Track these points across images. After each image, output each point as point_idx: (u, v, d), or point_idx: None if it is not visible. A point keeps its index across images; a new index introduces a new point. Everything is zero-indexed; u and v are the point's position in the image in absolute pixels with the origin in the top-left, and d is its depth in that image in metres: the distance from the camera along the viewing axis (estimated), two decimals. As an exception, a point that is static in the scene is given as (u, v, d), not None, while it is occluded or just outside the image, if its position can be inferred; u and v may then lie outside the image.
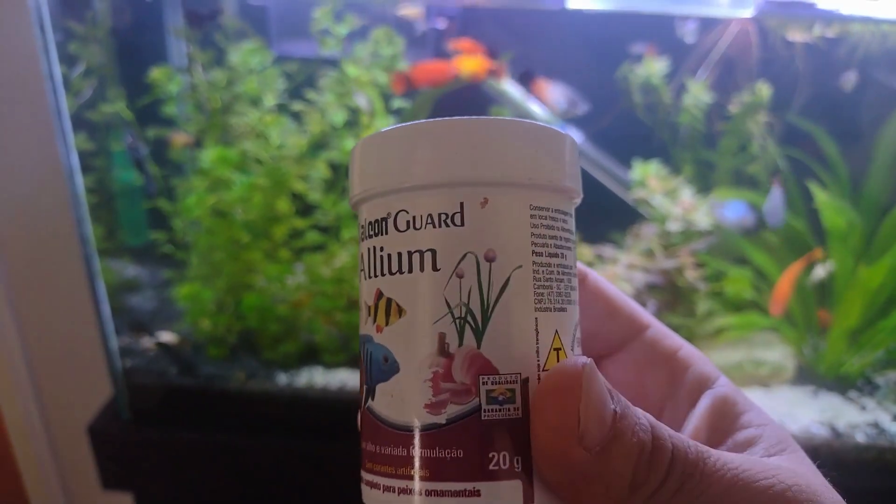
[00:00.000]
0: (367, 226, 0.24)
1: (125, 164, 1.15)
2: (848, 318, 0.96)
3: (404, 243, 0.23)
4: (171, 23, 1.11)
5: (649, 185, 0.98)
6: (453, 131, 0.22)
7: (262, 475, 1.03)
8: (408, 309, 0.22)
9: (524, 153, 0.22)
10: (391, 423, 0.23)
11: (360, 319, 0.25)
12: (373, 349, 0.24)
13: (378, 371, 0.23)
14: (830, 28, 1.00)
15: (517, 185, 0.22)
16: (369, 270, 0.24)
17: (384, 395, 0.23)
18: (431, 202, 0.22)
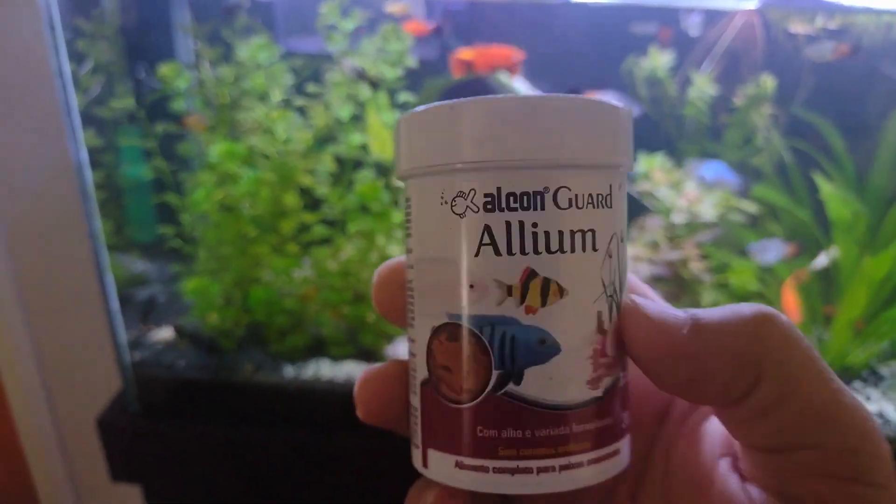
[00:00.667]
0: (504, 196, 0.22)
1: (134, 160, 1.16)
2: (853, 309, 0.96)
3: (566, 222, 0.22)
4: (178, 19, 1.12)
5: (654, 178, 0.98)
6: (601, 112, 0.22)
7: (270, 467, 1.04)
8: (569, 289, 0.22)
9: (630, 136, 0.24)
10: (549, 404, 0.23)
11: (472, 298, 0.22)
12: (518, 332, 0.22)
13: (529, 354, 0.22)
14: (834, 19, 1.00)
15: (628, 166, 0.24)
16: (509, 246, 0.22)
17: (539, 377, 0.22)
18: (591, 182, 0.22)
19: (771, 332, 0.21)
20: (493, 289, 0.22)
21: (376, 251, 1.01)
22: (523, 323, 0.22)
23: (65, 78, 0.87)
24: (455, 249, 0.23)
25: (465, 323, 0.23)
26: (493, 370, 0.23)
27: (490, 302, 0.22)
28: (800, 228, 1.07)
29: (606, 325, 0.23)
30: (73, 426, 1.30)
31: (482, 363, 0.23)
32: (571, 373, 0.23)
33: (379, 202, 0.97)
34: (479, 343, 0.23)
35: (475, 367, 0.23)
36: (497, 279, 0.22)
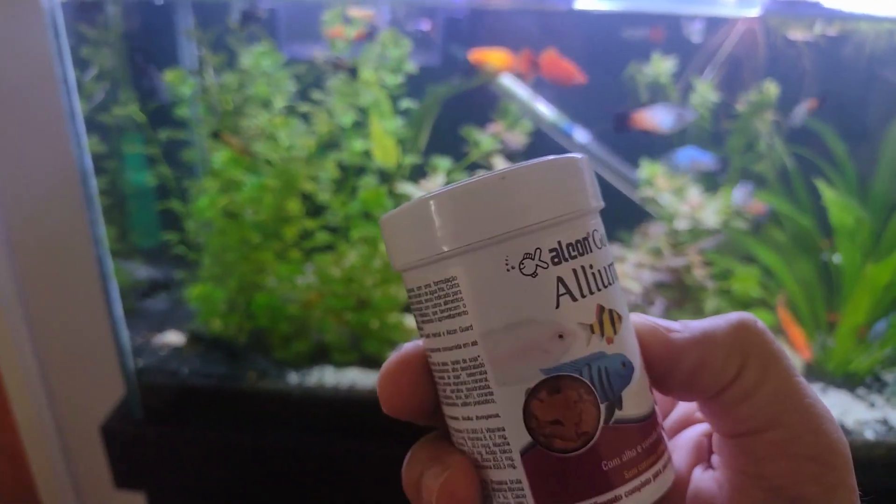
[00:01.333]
0: (564, 247, 0.24)
1: (138, 167, 1.16)
2: (856, 316, 0.96)
3: (604, 258, 0.25)
4: (182, 26, 1.12)
5: (657, 184, 0.98)
6: (585, 165, 0.26)
7: (274, 473, 1.04)
8: (622, 314, 0.25)
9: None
10: (641, 417, 0.25)
11: (562, 348, 0.24)
12: (608, 363, 0.24)
13: (620, 379, 0.24)
14: (835, 27, 1.00)
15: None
16: (580, 290, 0.24)
17: (631, 397, 0.25)
18: (600, 223, 0.26)
19: (752, 331, 0.25)
20: (580, 332, 0.24)
21: (379, 258, 1.01)
22: (608, 353, 0.24)
23: (69, 84, 0.87)
24: (534, 308, 0.24)
25: (565, 371, 0.24)
26: (600, 404, 0.24)
27: (580, 344, 0.24)
28: (802, 234, 1.07)
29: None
30: (77, 433, 1.30)
31: (590, 402, 0.24)
32: (644, 384, 0.26)
33: (382, 208, 0.96)
34: (582, 385, 0.24)
35: (586, 407, 0.24)
36: (581, 322, 0.24)
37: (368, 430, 0.99)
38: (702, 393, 0.26)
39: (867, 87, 1.07)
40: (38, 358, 1.27)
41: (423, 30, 1.05)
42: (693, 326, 0.26)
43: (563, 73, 0.90)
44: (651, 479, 0.25)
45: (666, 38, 1.06)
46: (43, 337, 1.28)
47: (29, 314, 1.26)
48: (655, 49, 1.04)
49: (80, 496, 1.32)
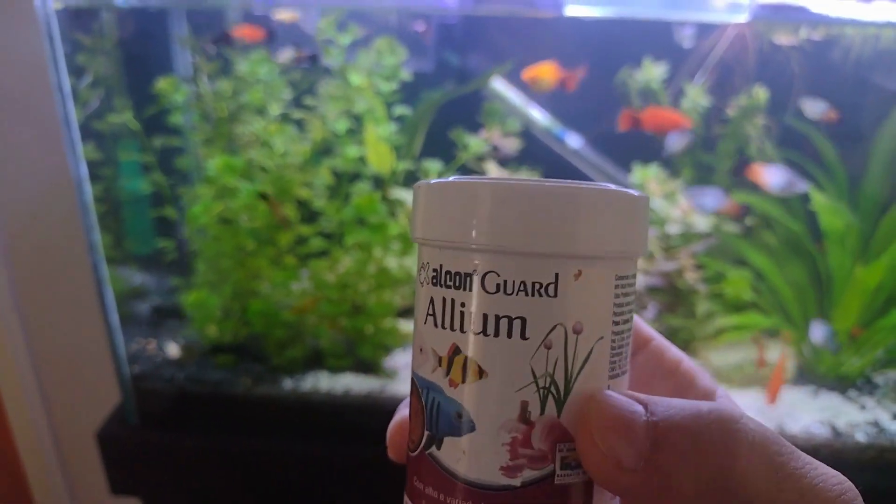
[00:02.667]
0: (443, 273, 0.23)
1: (133, 174, 1.15)
2: (846, 319, 0.95)
3: (492, 306, 0.22)
4: (177, 33, 1.12)
5: (649, 189, 0.98)
6: (551, 198, 0.21)
7: (269, 478, 1.03)
8: (489, 372, 0.22)
9: (615, 224, 0.22)
10: (461, 477, 0.23)
11: (420, 360, 0.24)
12: (442, 401, 0.23)
13: (448, 425, 0.23)
14: (822, 31, 1.00)
15: (608, 257, 0.22)
16: (443, 320, 0.23)
17: (453, 449, 0.23)
18: (526, 269, 0.21)
19: (735, 445, 0.21)
20: (430, 356, 0.23)
21: (374, 263, 1.00)
22: (446, 394, 0.23)
23: (64, 92, 0.86)
24: (417, 313, 0.24)
25: (416, 379, 0.24)
26: (424, 429, 0.24)
27: (428, 367, 0.23)
28: (793, 239, 1.06)
29: (534, 416, 0.22)
30: (73, 439, 1.29)
31: (420, 421, 0.24)
32: (484, 455, 0.22)
33: (376, 214, 0.96)
34: (419, 402, 0.24)
35: (416, 422, 0.24)
36: (433, 348, 0.23)
37: (363, 434, 0.98)
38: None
39: (855, 90, 1.07)
40: (34, 364, 1.25)
41: (418, 30, 1.04)
42: (659, 424, 0.21)
43: (665, 122, 0.90)
44: None
45: (656, 44, 1.06)
46: (38, 343, 1.27)
47: (24, 320, 1.25)
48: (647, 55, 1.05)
49: (76, 503, 1.30)
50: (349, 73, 0.93)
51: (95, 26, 1.04)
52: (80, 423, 1.17)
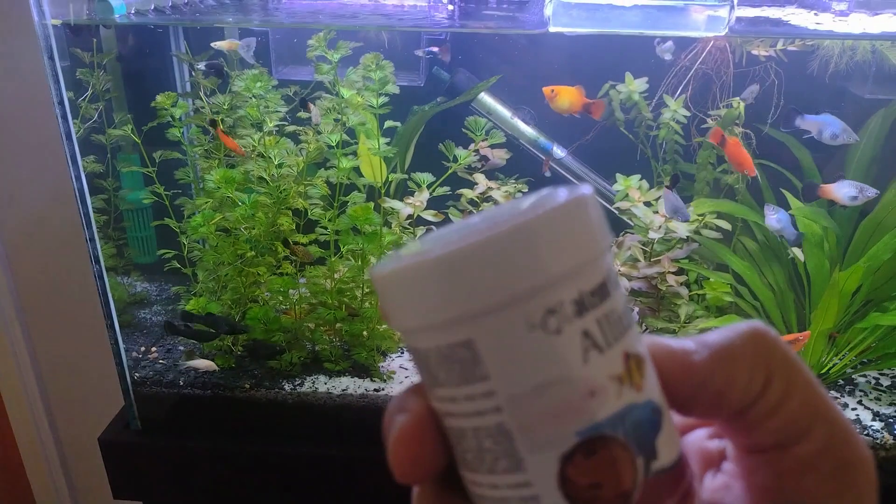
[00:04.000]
0: (588, 295, 0.21)
1: (134, 185, 1.16)
2: (825, 321, 0.96)
3: (619, 302, 0.22)
4: (176, 49, 1.13)
5: (631, 197, 0.99)
6: (595, 209, 0.23)
7: (270, 480, 1.03)
8: (643, 354, 0.23)
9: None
10: (675, 462, 0.23)
11: (597, 405, 0.21)
12: (639, 412, 0.22)
13: (652, 426, 0.22)
14: (795, 43, 1.01)
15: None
16: (607, 340, 0.21)
17: (664, 443, 0.22)
18: (611, 260, 0.23)
19: (769, 342, 0.23)
20: (610, 386, 0.21)
21: (368, 270, 1.01)
22: (639, 403, 0.22)
23: (65, 106, 0.87)
24: (562, 367, 0.21)
25: (600, 431, 0.21)
26: (636, 459, 0.22)
27: (612, 399, 0.21)
28: (773, 242, 1.07)
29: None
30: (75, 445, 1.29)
31: (627, 459, 0.22)
32: (671, 425, 0.23)
33: (371, 223, 0.97)
34: (617, 442, 0.21)
35: (624, 465, 0.22)
36: (610, 374, 0.21)
37: (360, 435, 0.99)
38: (729, 411, 0.24)
39: (832, 99, 1.09)
40: (37, 371, 1.26)
41: (433, 52, 1.06)
42: (710, 343, 0.24)
43: (741, 161, 0.92)
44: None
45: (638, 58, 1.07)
46: (42, 351, 1.28)
47: (28, 329, 1.26)
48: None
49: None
50: (341, 88, 0.94)
51: (94, 42, 1.05)
52: (83, 428, 1.18)
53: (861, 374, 1.06)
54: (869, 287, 1.00)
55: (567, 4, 0.83)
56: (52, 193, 1.21)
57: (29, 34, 0.83)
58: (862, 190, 0.90)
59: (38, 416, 1.24)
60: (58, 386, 1.28)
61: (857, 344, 1.02)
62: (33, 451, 1.21)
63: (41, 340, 1.27)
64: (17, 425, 1.20)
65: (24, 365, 1.23)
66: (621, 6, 0.83)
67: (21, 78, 1.14)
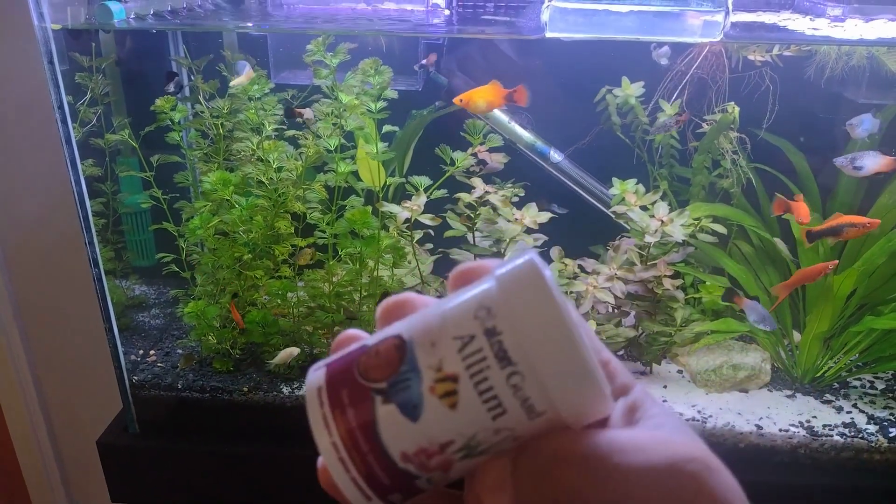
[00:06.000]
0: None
1: (132, 189, 1.16)
2: (820, 325, 0.96)
3: (499, 375, 0.25)
4: (174, 53, 1.12)
5: (627, 201, 0.98)
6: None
7: (269, 484, 1.03)
8: (458, 409, 0.25)
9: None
10: (377, 432, 0.26)
11: (427, 352, 0.25)
12: (413, 389, 0.26)
13: (404, 404, 0.25)
14: (791, 49, 1.01)
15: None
16: (466, 353, 0.25)
17: (391, 416, 0.26)
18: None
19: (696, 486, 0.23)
20: (434, 361, 0.25)
21: (367, 273, 1.01)
22: (420, 389, 0.25)
23: (64, 110, 0.86)
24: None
25: (405, 346, 0.26)
26: (384, 377, 0.26)
27: (428, 363, 0.26)
28: (768, 246, 1.07)
29: (449, 452, 0.26)
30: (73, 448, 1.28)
31: (386, 371, 0.26)
32: (404, 437, 0.26)
33: (369, 227, 0.97)
34: (394, 355, 0.26)
35: (378, 360, 0.26)
36: (439, 360, 0.25)
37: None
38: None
39: (827, 104, 1.08)
40: (35, 374, 1.25)
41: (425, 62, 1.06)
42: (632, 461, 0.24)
43: (801, 214, 0.93)
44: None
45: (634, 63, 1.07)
46: (39, 354, 1.27)
47: (25, 332, 1.25)
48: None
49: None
50: (339, 93, 0.94)
51: (94, 46, 1.04)
52: (81, 431, 1.17)
53: (856, 377, 1.06)
54: (864, 291, 1.00)
55: (564, 10, 0.83)
56: (51, 197, 1.20)
57: (29, 38, 0.82)
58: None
59: (35, 419, 1.23)
60: (56, 389, 1.28)
61: (852, 347, 1.02)
62: (31, 454, 1.21)
63: (39, 343, 1.27)
64: (15, 428, 1.19)
65: (21, 368, 1.22)
66: (617, 12, 0.83)
67: (20, 82, 1.13)
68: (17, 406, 1.19)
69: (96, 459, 1.02)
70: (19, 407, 1.19)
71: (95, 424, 1.06)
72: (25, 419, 1.21)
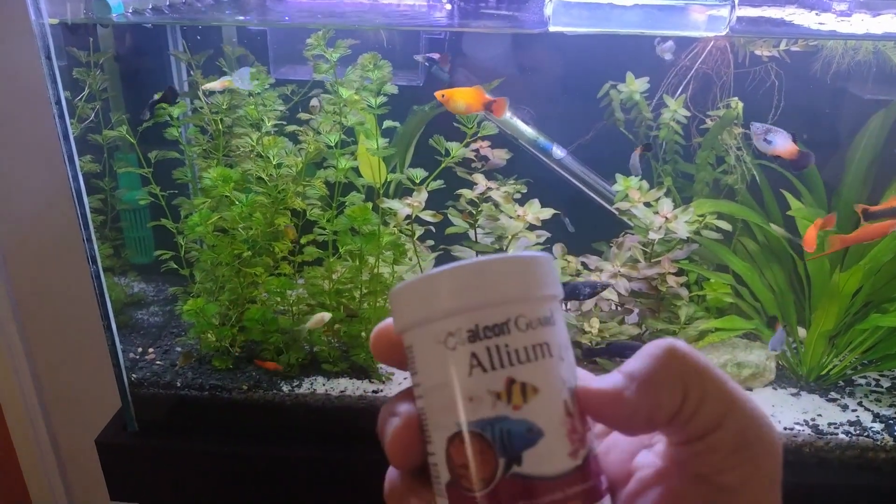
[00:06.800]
0: (483, 329, 0.28)
1: (131, 185, 1.15)
2: (825, 322, 0.95)
3: (530, 339, 0.29)
4: (174, 48, 1.12)
5: (631, 197, 0.98)
6: (530, 263, 0.30)
7: (268, 482, 1.02)
8: (541, 387, 0.28)
9: (554, 274, 0.31)
10: (547, 476, 0.28)
11: (473, 407, 0.28)
12: (511, 426, 0.28)
13: (523, 440, 0.28)
14: (798, 44, 1.00)
15: (559, 296, 0.31)
16: (492, 363, 0.28)
17: (534, 457, 0.28)
18: (540, 308, 0.29)
19: (680, 358, 0.29)
20: (487, 397, 0.28)
21: (367, 270, 1.00)
22: (513, 418, 0.28)
23: (62, 106, 0.85)
24: (451, 373, 0.29)
25: (472, 427, 0.28)
26: (498, 458, 0.28)
27: (486, 407, 0.28)
28: (774, 243, 1.06)
29: (571, 409, 0.29)
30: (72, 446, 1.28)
31: (489, 455, 0.28)
32: (556, 449, 0.28)
33: (369, 223, 0.96)
34: (483, 440, 0.28)
35: (484, 458, 0.28)
36: (486, 389, 0.28)
37: (359, 437, 0.98)
38: (659, 426, 0.29)
39: (833, 99, 1.07)
40: (34, 372, 1.25)
41: (433, 58, 1.05)
42: (636, 376, 0.29)
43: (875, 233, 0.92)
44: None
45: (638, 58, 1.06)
46: (38, 352, 1.27)
47: (24, 330, 1.25)
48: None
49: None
50: (339, 88, 0.93)
51: (92, 41, 1.03)
52: (80, 430, 1.16)
53: (861, 375, 1.05)
54: (869, 288, 0.99)
55: (567, 3, 0.82)
56: (49, 193, 1.20)
57: (26, 33, 0.81)
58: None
59: (34, 417, 1.22)
60: (54, 387, 1.27)
61: (858, 345, 1.01)
62: (30, 452, 1.20)
63: (38, 341, 1.26)
64: (14, 427, 1.18)
65: (20, 366, 1.22)
66: (622, 5, 0.82)
67: (18, 77, 1.12)
68: (16, 403, 1.18)
69: (95, 457, 1.02)
70: (18, 404, 1.18)
71: (94, 422, 1.05)
72: (24, 417, 1.20)
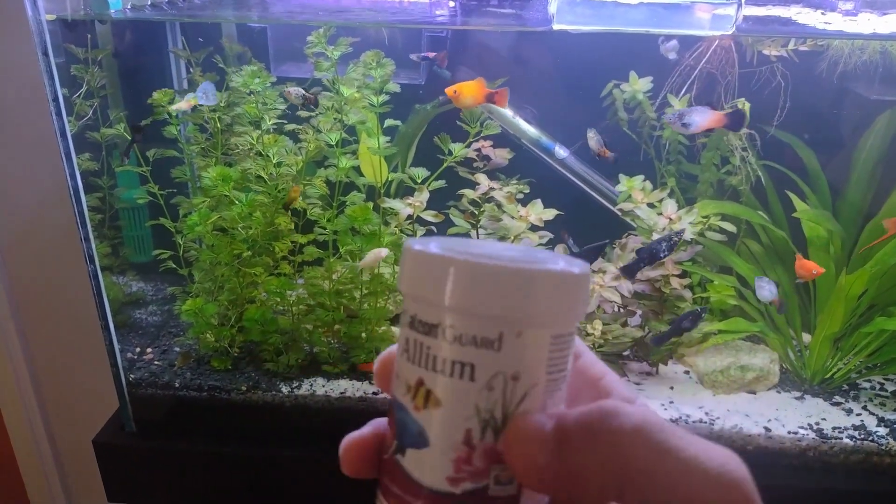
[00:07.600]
0: (418, 322, 0.28)
1: (130, 184, 1.14)
2: (831, 325, 0.94)
3: (450, 353, 0.27)
4: (173, 45, 1.11)
5: (634, 198, 0.97)
6: (505, 275, 0.26)
7: (267, 484, 1.01)
8: (444, 403, 0.27)
9: (554, 299, 0.27)
10: (417, 481, 0.28)
11: (396, 383, 0.29)
12: (409, 421, 0.28)
13: (411, 438, 0.28)
14: (807, 43, 0.99)
15: (546, 324, 0.28)
16: (413, 357, 0.28)
17: (414, 458, 0.28)
18: (478, 326, 0.27)
19: (619, 430, 0.25)
20: (402, 381, 0.29)
21: (367, 271, 0.99)
22: (412, 415, 0.28)
23: (59, 103, 0.85)
24: (398, 346, 0.29)
25: (392, 398, 0.29)
26: (395, 439, 0.29)
27: (401, 390, 0.29)
28: (779, 244, 1.05)
29: (476, 441, 0.27)
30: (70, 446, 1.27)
31: (393, 432, 0.29)
32: (435, 466, 0.28)
33: (370, 223, 0.95)
34: (393, 416, 0.29)
35: (391, 432, 0.30)
36: (405, 377, 0.28)
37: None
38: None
39: (838, 100, 1.07)
40: (32, 372, 1.24)
41: (428, 56, 1.04)
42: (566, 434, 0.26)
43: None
44: None
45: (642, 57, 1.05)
46: (36, 352, 1.26)
47: (22, 329, 1.24)
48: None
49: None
50: (340, 86, 0.92)
51: (90, 38, 1.02)
52: (78, 430, 1.16)
53: (866, 378, 1.05)
54: (875, 291, 0.98)
55: (572, 1, 0.81)
56: (47, 192, 1.19)
57: (23, 30, 0.81)
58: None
59: (32, 417, 1.22)
60: (52, 387, 1.26)
61: (862, 349, 1.00)
62: (28, 452, 1.19)
63: (36, 341, 1.25)
64: (12, 426, 1.18)
65: (18, 366, 1.21)
66: (626, 3, 0.81)
67: (15, 74, 1.12)
68: (14, 403, 1.17)
69: (93, 458, 1.01)
70: (16, 404, 1.18)
71: (92, 422, 1.04)
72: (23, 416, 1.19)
